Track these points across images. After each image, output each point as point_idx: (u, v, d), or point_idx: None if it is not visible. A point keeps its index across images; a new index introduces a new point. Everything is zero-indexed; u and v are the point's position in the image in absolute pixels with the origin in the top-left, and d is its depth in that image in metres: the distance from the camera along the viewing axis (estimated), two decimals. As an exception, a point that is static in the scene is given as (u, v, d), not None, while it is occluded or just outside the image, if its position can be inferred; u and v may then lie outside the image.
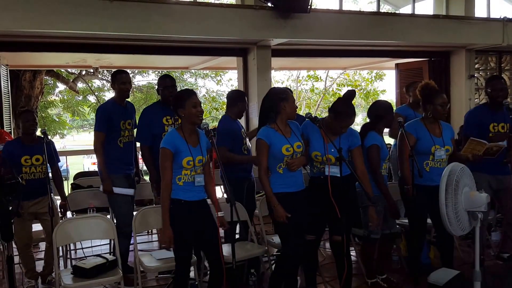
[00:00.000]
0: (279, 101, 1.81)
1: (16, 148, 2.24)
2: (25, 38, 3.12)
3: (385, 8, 6.33)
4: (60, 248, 2.35)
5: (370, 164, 2.09)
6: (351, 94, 1.96)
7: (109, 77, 8.22)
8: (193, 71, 9.07)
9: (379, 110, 2.16)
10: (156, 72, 9.21)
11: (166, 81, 2.36)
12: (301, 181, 1.89)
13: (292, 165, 1.80)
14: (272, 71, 3.92)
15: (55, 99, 9.02)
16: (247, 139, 2.39)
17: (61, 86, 8.43)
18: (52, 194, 2.30)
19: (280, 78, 10.64)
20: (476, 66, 4.45)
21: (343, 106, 1.89)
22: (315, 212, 1.91)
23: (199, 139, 1.76)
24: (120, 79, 2.32)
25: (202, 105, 1.77)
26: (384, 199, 2.12)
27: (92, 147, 2.35)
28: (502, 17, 4.05)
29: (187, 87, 10.17)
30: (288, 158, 1.81)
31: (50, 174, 2.33)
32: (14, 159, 2.20)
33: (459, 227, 1.70)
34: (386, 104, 2.22)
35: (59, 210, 2.37)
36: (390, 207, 2.09)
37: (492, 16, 4.55)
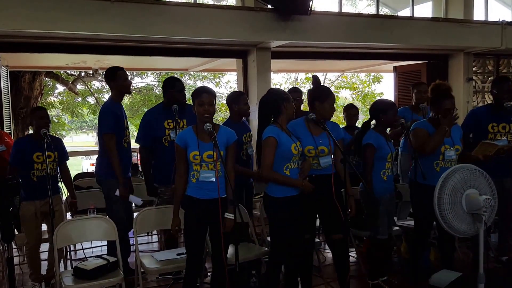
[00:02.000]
0: (282, 101, 1.83)
1: (28, 144, 2.23)
2: (25, 39, 3.11)
3: (383, 11, 6.37)
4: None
5: (363, 162, 2.13)
6: (317, 78, 2.04)
7: (108, 79, 8.21)
8: (192, 73, 9.07)
9: (380, 106, 2.17)
10: (155, 74, 9.20)
11: (176, 85, 2.32)
12: None
13: (304, 172, 1.82)
14: (271, 73, 3.93)
15: (54, 101, 9.00)
16: (249, 145, 2.35)
17: (60, 88, 8.41)
18: (60, 194, 2.33)
19: (278, 80, 10.68)
20: (474, 69, 4.47)
21: (320, 90, 1.97)
22: (311, 211, 1.91)
23: (215, 136, 1.73)
24: (122, 76, 2.26)
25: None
26: (389, 200, 2.13)
27: (90, 148, 2.36)
28: (501, 21, 4.07)
29: (185, 90, 10.09)
30: (295, 158, 1.82)
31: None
32: (26, 156, 2.19)
33: (459, 229, 1.69)
34: (387, 101, 2.23)
35: (69, 208, 2.36)
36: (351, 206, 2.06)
37: (490, 19, 4.59)
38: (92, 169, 8.61)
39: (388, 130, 2.41)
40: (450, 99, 2.13)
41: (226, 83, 10.41)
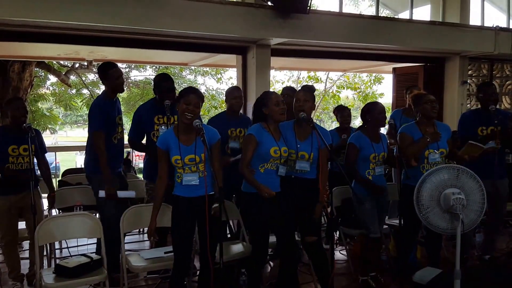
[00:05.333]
0: (261, 107, 1.89)
1: (3, 137, 2.14)
2: (13, 27, 2.99)
3: (384, 12, 6.36)
4: (45, 247, 2.28)
5: (345, 159, 2.24)
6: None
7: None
8: (192, 67, 8.95)
9: (365, 108, 2.29)
10: (154, 67, 9.05)
11: (162, 85, 2.25)
12: (278, 185, 1.91)
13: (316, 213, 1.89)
14: (273, 71, 3.90)
15: (45, 92, 8.77)
16: (235, 140, 2.34)
17: (52, 79, 8.20)
18: (38, 188, 2.24)
19: (281, 78, 10.68)
20: (469, 72, 4.53)
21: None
22: (287, 211, 1.92)
23: (196, 137, 1.73)
24: (114, 74, 2.21)
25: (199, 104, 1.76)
26: (373, 199, 2.19)
27: (84, 144, 2.27)
28: (494, 26, 4.14)
29: (185, 84, 10.06)
30: (274, 160, 1.84)
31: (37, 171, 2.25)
32: (1, 148, 2.11)
33: (439, 226, 1.73)
34: (369, 103, 2.35)
35: (48, 203, 2.28)
36: (373, 189, 2.17)
37: (486, 24, 4.64)
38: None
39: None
40: (428, 95, 2.22)
41: (228, 79, 10.31)
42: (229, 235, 2.37)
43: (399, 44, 3.85)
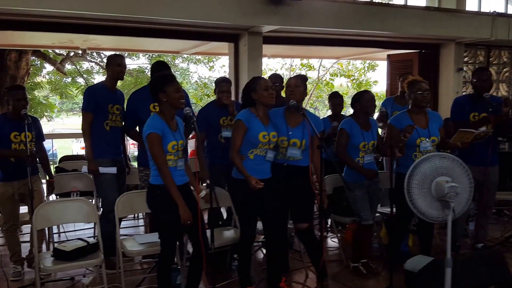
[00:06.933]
0: (249, 91, 1.87)
1: (5, 124, 2.19)
2: (8, 16, 2.97)
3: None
4: (46, 232, 2.36)
5: (336, 145, 2.25)
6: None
7: (98, 60, 7.99)
8: (185, 56, 8.85)
9: (354, 96, 2.29)
10: (147, 56, 8.95)
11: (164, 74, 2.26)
12: (268, 170, 1.93)
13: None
14: (266, 59, 3.88)
15: (42, 81, 8.72)
16: (227, 129, 2.33)
17: (48, 67, 8.13)
18: (39, 174, 2.31)
19: (274, 66, 10.56)
20: (465, 59, 4.48)
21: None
22: (284, 199, 1.95)
23: (177, 123, 1.77)
24: (115, 61, 2.30)
25: (189, 91, 1.80)
26: (363, 186, 2.21)
27: (80, 131, 2.32)
28: (491, 12, 4.05)
29: (178, 72, 9.95)
30: (263, 146, 1.85)
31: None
32: (3, 135, 2.16)
33: (430, 214, 1.75)
34: (359, 92, 2.34)
35: (46, 188, 2.36)
36: (365, 173, 2.18)
37: (483, 9, 4.57)
38: (82, 152, 8.50)
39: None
40: (420, 82, 2.19)
41: (221, 67, 10.20)
42: (220, 222, 2.44)
43: (394, 30, 3.81)
